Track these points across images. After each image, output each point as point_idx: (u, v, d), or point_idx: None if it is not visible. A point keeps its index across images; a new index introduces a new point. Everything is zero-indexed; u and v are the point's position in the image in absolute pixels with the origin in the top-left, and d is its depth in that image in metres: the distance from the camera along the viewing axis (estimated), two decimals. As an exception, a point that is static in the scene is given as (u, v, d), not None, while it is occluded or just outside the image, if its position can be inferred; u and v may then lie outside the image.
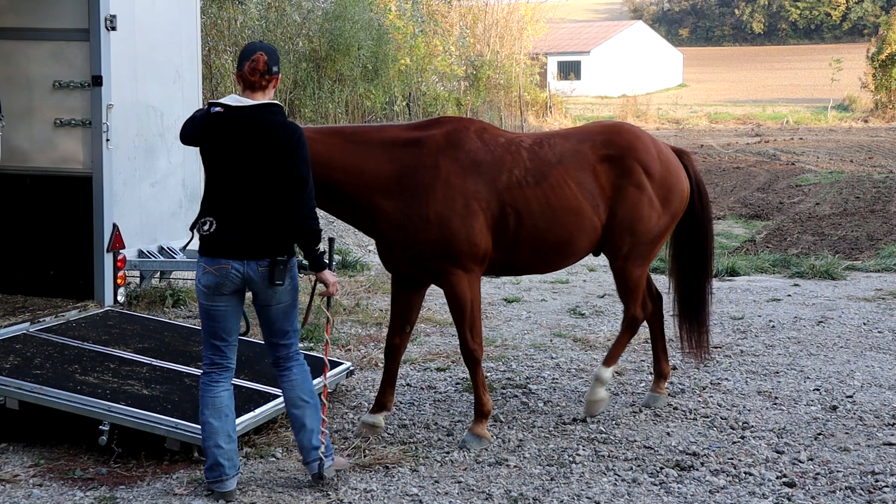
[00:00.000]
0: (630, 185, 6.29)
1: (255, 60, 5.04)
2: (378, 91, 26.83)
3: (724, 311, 9.84)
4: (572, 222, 6.19)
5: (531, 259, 6.29)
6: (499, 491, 5.37)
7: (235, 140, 5.02)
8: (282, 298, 5.18)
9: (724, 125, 43.82)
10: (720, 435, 6.30)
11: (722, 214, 17.95)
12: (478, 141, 6.09)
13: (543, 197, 6.11)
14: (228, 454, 5.20)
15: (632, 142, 6.42)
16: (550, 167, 6.18)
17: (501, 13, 39.25)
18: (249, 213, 5.05)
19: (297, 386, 5.32)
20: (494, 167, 6.03)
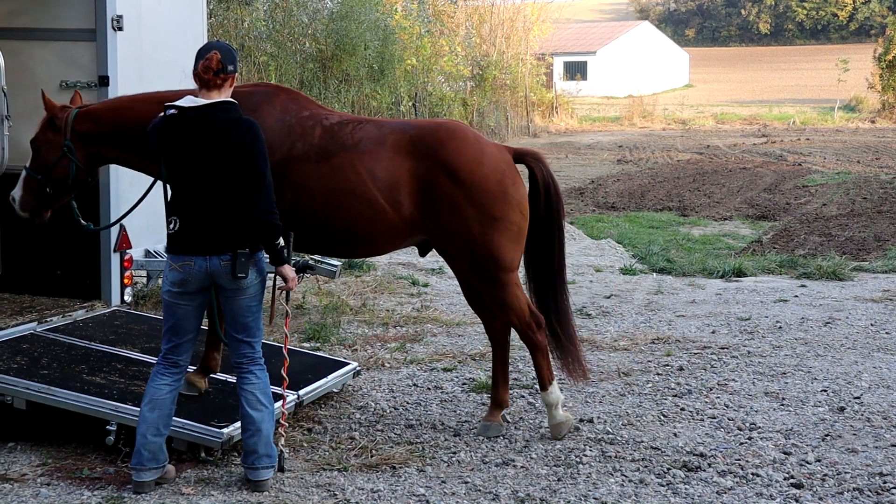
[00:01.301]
0: (434, 187, 5.86)
1: (208, 59, 5.11)
2: (384, 91, 26.86)
3: (731, 312, 9.83)
4: (356, 209, 5.84)
5: (316, 238, 6.04)
6: (506, 491, 5.36)
7: (190, 140, 5.09)
8: (247, 292, 5.24)
9: (730, 126, 43.76)
10: (727, 436, 6.28)
11: (728, 215, 17.94)
12: (277, 109, 5.97)
13: (323, 176, 5.85)
14: (151, 446, 5.24)
15: (443, 141, 5.95)
16: (341, 149, 5.89)
17: (507, 13, 39.27)
18: (209, 210, 5.13)
19: (259, 388, 5.33)
20: (279, 137, 5.86)
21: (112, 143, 5.99)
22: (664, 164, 27.37)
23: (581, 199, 20.29)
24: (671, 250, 13.70)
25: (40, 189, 5.99)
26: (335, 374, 6.94)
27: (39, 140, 6.00)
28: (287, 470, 5.63)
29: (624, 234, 15.32)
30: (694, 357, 8.15)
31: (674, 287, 11.21)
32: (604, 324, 9.41)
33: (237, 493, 5.30)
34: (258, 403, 5.30)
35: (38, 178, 5.96)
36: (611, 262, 12.83)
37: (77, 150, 5.95)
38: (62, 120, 5.94)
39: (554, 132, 39.91)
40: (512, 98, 38.25)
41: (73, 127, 5.93)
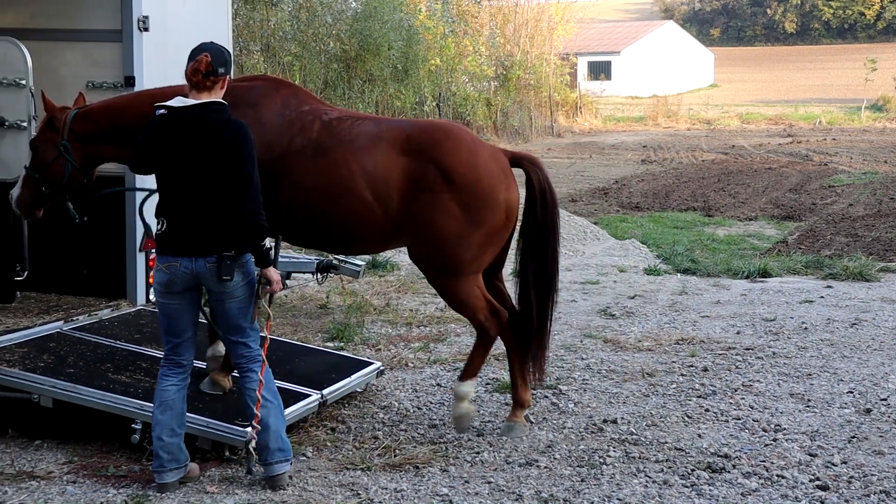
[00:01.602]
0: (424, 185, 5.84)
1: (197, 61, 5.12)
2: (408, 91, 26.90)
3: (756, 313, 9.78)
4: (346, 204, 5.86)
5: (311, 234, 6.06)
6: (529, 492, 5.36)
7: (179, 140, 5.10)
8: (234, 294, 5.21)
9: (755, 126, 43.53)
10: (752, 437, 6.25)
11: (754, 215, 17.84)
12: (277, 103, 5.98)
13: (319, 171, 5.86)
14: (169, 448, 5.27)
15: (438, 140, 5.95)
16: (338, 144, 5.90)
17: (532, 13, 39.22)
18: (196, 211, 5.13)
19: (264, 384, 5.33)
20: (278, 131, 5.89)
21: (110, 141, 6.04)
22: (689, 165, 27.26)
23: (605, 199, 20.23)
24: (696, 251, 13.64)
25: (37, 188, 6.06)
26: (359, 373, 6.95)
27: (39, 140, 6.08)
28: (312, 469, 5.65)
29: (648, 234, 15.26)
30: (718, 358, 8.12)
31: (698, 287, 11.16)
32: (628, 324, 9.38)
33: (261, 492, 5.31)
34: (263, 399, 5.31)
35: (36, 177, 6.03)
36: (635, 263, 12.79)
37: (74, 151, 6.01)
38: (61, 121, 6.01)
39: (578, 132, 39.83)
40: (536, 98, 38.20)
41: (70, 127, 5.99)
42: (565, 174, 25.06)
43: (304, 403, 6.23)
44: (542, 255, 6.22)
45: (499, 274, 6.40)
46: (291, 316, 9.49)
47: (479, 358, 6.26)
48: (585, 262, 12.84)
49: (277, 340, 7.58)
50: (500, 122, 34.46)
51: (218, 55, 5.18)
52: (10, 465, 5.70)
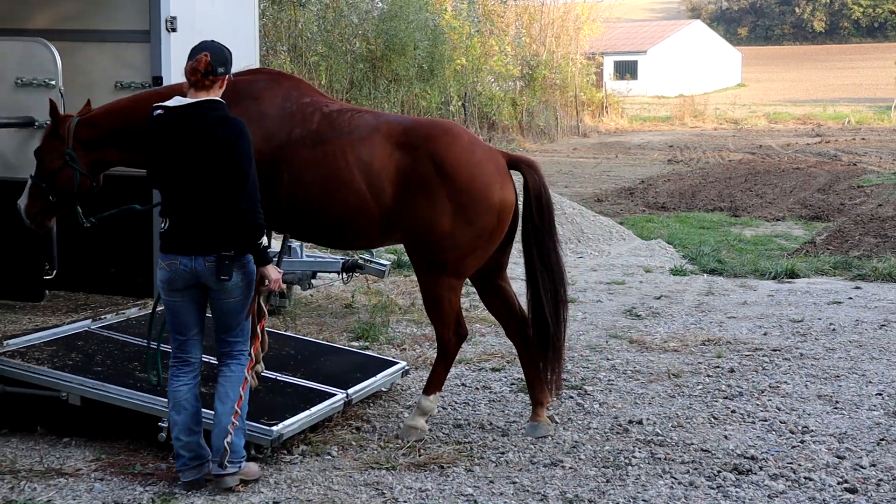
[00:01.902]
0: (418, 179, 5.82)
1: (197, 60, 5.12)
2: (433, 91, 26.92)
3: (784, 314, 9.71)
4: (339, 195, 5.85)
5: (306, 224, 6.05)
6: (554, 492, 5.35)
7: (175, 139, 5.11)
8: (232, 294, 5.19)
9: (783, 125, 43.25)
10: (779, 439, 6.21)
11: (781, 216, 17.73)
12: (279, 96, 5.99)
13: (315, 161, 5.85)
14: (189, 446, 5.28)
15: (436, 135, 5.93)
16: (336, 135, 5.89)
17: (558, 13, 39.15)
18: (195, 209, 5.13)
19: (230, 382, 5.30)
20: (279, 122, 5.90)
21: (113, 145, 6.07)
22: (715, 164, 27.12)
23: (631, 199, 20.16)
24: (722, 251, 13.56)
25: (44, 197, 6.08)
26: (384, 373, 6.96)
27: (43, 149, 6.10)
28: (336, 468, 5.66)
29: (674, 234, 15.20)
30: (745, 359, 8.07)
31: (725, 288, 11.10)
32: (653, 325, 9.35)
33: (287, 491, 5.34)
34: (225, 397, 5.28)
35: (43, 187, 6.05)
36: (661, 263, 12.73)
37: (80, 158, 6.03)
38: (65, 128, 6.04)
39: (604, 132, 39.72)
40: (562, 98, 38.11)
41: (74, 135, 6.02)
42: (591, 174, 25.00)
43: (329, 403, 6.24)
44: (545, 258, 6.15)
45: (503, 275, 6.36)
46: (317, 315, 9.51)
47: (443, 372, 6.23)
48: (611, 262, 12.80)
49: (303, 340, 7.61)
50: (526, 121, 34.40)
51: (218, 54, 5.18)
52: (38, 462, 5.76)
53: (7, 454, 5.85)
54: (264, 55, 20.46)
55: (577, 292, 10.81)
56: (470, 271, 6.07)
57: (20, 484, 5.40)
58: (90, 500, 5.21)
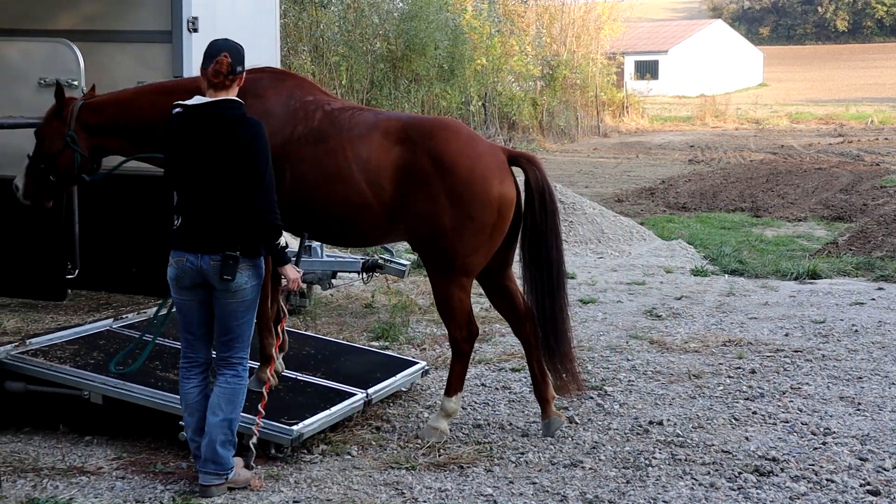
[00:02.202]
0: (417, 175, 5.82)
1: (218, 62, 5.14)
2: (454, 91, 26.91)
3: (806, 315, 9.66)
4: (339, 192, 5.86)
5: (309, 221, 6.04)
6: (574, 493, 5.34)
7: (192, 137, 5.13)
8: (236, 295, 5.17)
9: (805, 125, 43.00)
10: (801, 440, 6.18)
11: (803, 216, 17.63)
12: (282, 94, 6.02)
13: (316, 158, 5.87)
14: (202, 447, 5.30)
15: (435, 131, 5.95)
16: (336, 132, 5.91)
17: (578, 12, 39.05)
18: (206, 208, 5.14)
19: (225, 393, 5.26)
20: (282, 120, 5.92)
21: (115, 133, 6.11)
22: (737, 165, 27.00)
23: (652, 199, 20.10)
24: (743, 251, 13.50)
25: (43, 177, 6.12)
26: (404, 373, 6.97)
27: (44, 130, 6.13)
28: (356, 468, 5.67)
29: (695, 234, 15.14)
30: (766, 360, 8.03)
31: (746, 289, 11.05)
32: (674, 325, 9.32)
33: (307, 490, 5.35)
34: (217, 408, 5.24)
35: (41, 167, 6.09)
36: (681, 263, 12.69)
37: (81, 141, 6.07)
38: (68, 111, 6.07)
39: (624, 132, 39.61)
40: (582, 98, 38.02)
41: (77, 118, 6.05)
42: (611, 174, 24.94)
43: (349, 402, 6.25)
44: (543, 258, 6.10)
45: (507, 273, 6.34)
46: (337, 315, 9.53)
47: (460, 371, 6.23)
48: (631, 262, 12.76)
49: (323, 339, 7.63)
50: (546, 121, 34.34)
51: (236, 54, 5.21)
52: (60, 460, 5.79)
53: (30, 452, 5.89)
54: (285, 55, 20.51)
55: (597, 292, 10.80)
56: (477, 269, 6.06)
57: (42, 482, 5.44)
58: (111, 498, 5.24)
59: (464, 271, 5.98)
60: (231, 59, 5.15)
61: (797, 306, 10.11)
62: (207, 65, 5.16)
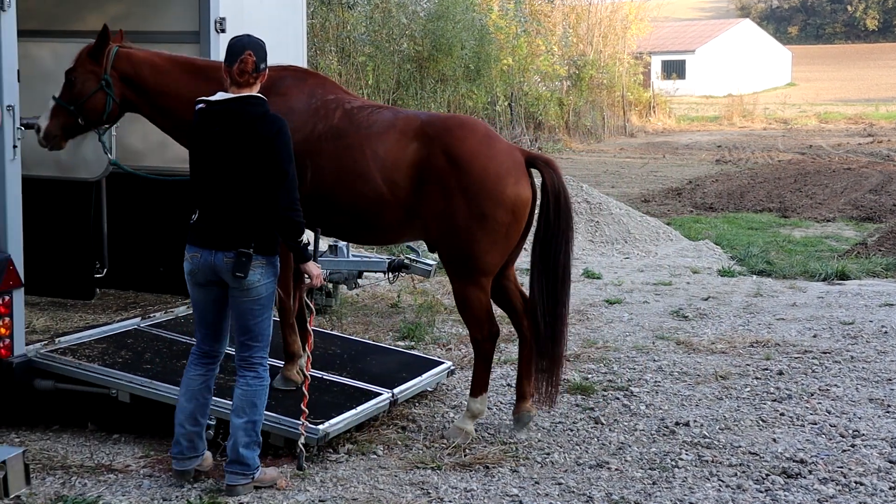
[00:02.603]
0: (433, 172, 5.83)
1: (243, 62, 5.15)
2: (480, 91, 26.89)
3: (834, 316, 9.59)
4: (357, 189, 5.89)
5: (329, 219, 6.06)
6: (599, 494, 5.32)
7: (214, 133, 5.13)
8: (250, 293, 5.16)
9: (834, 125, 42.66)
10: (829, 442, 6.13)
11: (832, 217, 17.49)
12: (304, 92, 6.06)
13: (335, 155, 5.91)
14: (190, 436, 5.35)
15: (452, 128, 5.95)
16: (355, 129, 5.95)
17: (605, 12, 38.94)
18: (225, 204, 5.15)
19: (247, 396, 5.26)
20: (304, 117, 5.96)
21: (138, 91, 6.10)
22: (764, 165, 26.83)
23: (678, 199, 20.01)
24: (771, 252, 13.42)
25: (70, 120, 6.11)
26: (429, 372, 6.97)
27: (77, 71, 6.10)
28: (382, 467, 5.68)
29: (722, 235, 15.06)
30: (794, 361, 7.98)
31: (773, 289, 10.98)
32: (701, 326, 9.28)
33: (332, 489, 5.36)
34: (241, 411, 5.25)
35: (70, 109, 6.08)
36: (708, 264, 12.63)
37: (115, 87, 6.08)
38: (104, 54, 6.06)
39: (651, 132, 39.45)
40: (608, 97, 37.89)
41: (114, 64, 6.06)
42: (638, 174, 24.85)
43: (375, 402, 6.26)
44: (551, 260, 6.09)
45: (507, 272, 6.32)
46: (363, 314, 9.55)
47: (484, 372, 6.22)
48: (658, 262, 12.71)
49: (349, 339, 7.64)
50: (573, 121, 34.25)
51: (260, 50, 5.22)
52: (89, 458, 5.84)
53: (58, 450, 5.94)
54: (312, 56, 20.57)
55: (623, 293, 10.76)
56: (493, 268, 6.05)
57: (71, 479, 5.48)
58: (139, 496, 5.27)
59: (480, 270, 5.98)
60: (255, 58, 5.17)
61: (825, 307, 10.04)
62: (232, 62, 5.17)
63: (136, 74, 6.10)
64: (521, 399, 6.33)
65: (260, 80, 5.26)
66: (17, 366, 6.02)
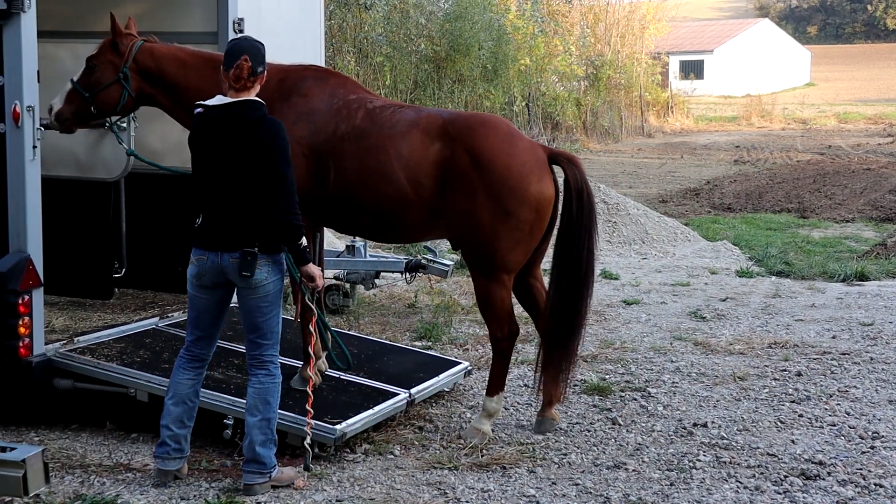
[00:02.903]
0: (456, 171, 5.85)
1: (239, 67, 5.16)
2: (497, 91, 26.88)
3: (853, 317, 9.54)
4: (380, 189, 5.91)
5: (352, 218, 6.12)
6: (617, 495, 5.31)
7: (212, 137, 5.17)
8: (257, 292, 5.21)
9: (853, 125, 42.44)
10: (848, 444, 6.10)
11: (851, 217, 17.41)
12: (325, 92, 6.08)
13: (358, 156, 5.93)
14: (176, 437, 5.39)
15: (474, 127, 5.96)
16: (378, 129, 5.96)
17: (623, 12, 38.86)
18: (226, 206, 5.19)
19: (259, 394, 5.30)
20: (326, 117, 5.99)
21: (159, 84, 6.13)
22: (783, 165, 26.72)
23: (696, 200, 19.95)
24: (790, 253, 13.36)
25: (83, 106, 6.13)
26: (446, 373, 6.98)
27: (97, 60, 6.13)
28: (399, 468, 5.69)
29: (740, 235, 15.01)
30: (813, 362, 7.95)
31: (792, 290, 10.94)
32: (718, 327, 9.24)
33: (350, 489, 5.37)
34: (254, 409, 5.29)
35: (85, 96, 6.11)
36: (726, 265, 12.58)
37: (132, 81, 6.11)
38: (126, 47, 6.09)
39: (669, 132, 39.34)
40: (626, 98, 37.82)
41: (135, 58, 6.09)
42: (656, 174, 24.79)
43: (392, 402, 6.27)
44: (574, 257, 6.09)
45: (534, 272, 6.34)
46: (380, 315, 9.56)
47: (501, 371, 6.23)
48: (676, 263, 12.67)
49: (366, 339, 7.65)
50: (590, 122, 34.20)
51: (256, 54, 5.23)
52: (107, 457, 5.86)
53: (77, 449, 5.97)
54: (330, 56, 20.60)
55: (641, 293, 10.74)
56: (517, 266, 6.06)
57: (90, 478, 5.51)
58: (157, 495, 5.29)
59: (503, 268, 5.98)
60: (251, 63, 5.19)
61: (845, 308, 9.99)
62: (228, 66, 5.20)
63: (157, 69, 6.13)
64: (547, 404, 6.33)
65: (258, 83, 5.28)
66: (36, 365, 6.06)
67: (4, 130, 5.98)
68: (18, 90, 5.94)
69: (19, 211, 6.01)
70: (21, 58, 5.92)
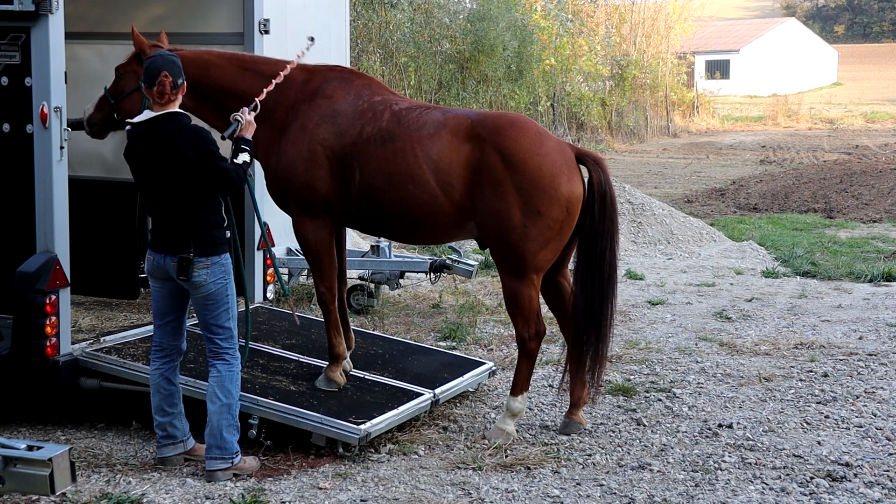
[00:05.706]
0: (486, 172, 5.86)
1: (161, 84, 5.42)
2: (522, 91, 26.85)
3: (880, 318, 9.47)
4: (409, 191, 5.94)
5: (379, 220, 6.17)
6: (641, 496, 5.29)
7: (139, 154, 5.46)
8: (200, 291, 5.49)
9: (881, 125, 42.07)
10: (875, 446, 6.06)
11: (878, 217, 17.27)
12: (350, 94, 6.13)
13: (385, 158, 5.96)
14: (162, 426, 5.67)
15: (503, 127, 5.94)
16: (404, 132, 5.98)
17: (648, 12, 38.71)
18: (162, 214, 5.52)
19: (218, 382, 5.52)
20: (351, 120, 6.04)
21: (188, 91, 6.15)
22: (809, 165, 26.54)
23: (722, 200, 19.85)
24: (816, 253, 13.27)
25: (110, 113, 6.24)
26: (471, 373, 6.98)
27: (123, 69, 6.25)
28: (423, 467, 5.69)
29: (766, 236, 14.92)
30: (839, 363, 7.89)
31: (818, 291, 10.86)
32: (744, 327, 9.19)
33: (374, 489, 5.38)
34: (214, 397, 5.52)
35: (112, 103, 6.22)
36: (752, 265, 12.51)
37: None
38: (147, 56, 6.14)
39: (694, 132, 39.16)
40: (652, 98, 37.67)
41: None
42: (681, 174, 24.69)
43: (416, 402, 6.28)
44: (597, 258, 6.09)
45: (562, 271, 6.35)
46: (404, 315, 9.57)
47: (526, 371, 6.24)
48: (701, 263, 12.62)
49: (391, 339, 7.66)
50: (615, 122, 34.10)
51: (174, 68, 5.46)
52: (133, 456, 5.90)
53: (103, 448, 6.01)
54: (356, 56, 20.65)
55: (666, 294, 10.70)
56: (546, 266, 6.07)
57: (116, 477, 5.55)
58: (182, 494, 5.32)
59: (533, 267, 5.99)
60: (172, 77, 5.42)
61: (871, 309, 9.92)
62: (151, 84, 5.41)
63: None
64: (573, 406, 6.34)
65: (181, 93, 5.51)
66: (63, 364, 6.12)
67: (32, 131, 6.03)
68: (46, 91, 6.00)
69: (46, 211, 6.07)
70: (49, 59, 5.98)
